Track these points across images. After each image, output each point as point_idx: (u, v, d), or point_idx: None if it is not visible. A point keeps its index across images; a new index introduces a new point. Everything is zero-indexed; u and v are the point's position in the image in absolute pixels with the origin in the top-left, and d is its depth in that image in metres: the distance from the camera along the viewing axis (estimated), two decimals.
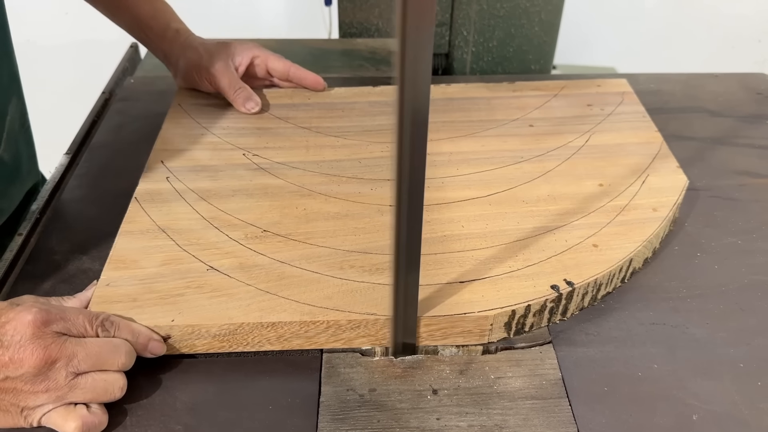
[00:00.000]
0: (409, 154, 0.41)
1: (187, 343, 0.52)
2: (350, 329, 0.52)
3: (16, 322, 0.44)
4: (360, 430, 0.48)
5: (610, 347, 0.54)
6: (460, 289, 0.54)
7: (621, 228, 0.61)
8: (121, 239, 0.59)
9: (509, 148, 0.72)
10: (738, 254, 0.63)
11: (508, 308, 0.53)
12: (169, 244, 0.58)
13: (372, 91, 0.82)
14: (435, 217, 0.62)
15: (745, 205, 0.69)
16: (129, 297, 0.53)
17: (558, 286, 0.55)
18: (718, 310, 0.58)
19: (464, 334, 0.53)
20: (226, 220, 0.61)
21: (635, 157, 0.71)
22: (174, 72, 0.81)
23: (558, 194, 0.65)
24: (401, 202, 0.44)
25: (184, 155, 0.69)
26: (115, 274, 0.55)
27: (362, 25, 1.05)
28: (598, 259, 0.57)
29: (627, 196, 0.65)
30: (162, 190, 0.65)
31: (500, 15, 0.94)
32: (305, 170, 0.68)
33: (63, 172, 0.73)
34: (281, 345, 0.53)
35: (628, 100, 0.81)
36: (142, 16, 0.78)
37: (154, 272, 0.55)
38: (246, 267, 0.56)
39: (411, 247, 0.47)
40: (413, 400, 0.50)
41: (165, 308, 0.52)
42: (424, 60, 0.38)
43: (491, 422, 0.48)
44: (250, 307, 0.52)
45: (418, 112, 0.40)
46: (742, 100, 0.87)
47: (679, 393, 0.51)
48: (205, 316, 0.51)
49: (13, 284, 0.59)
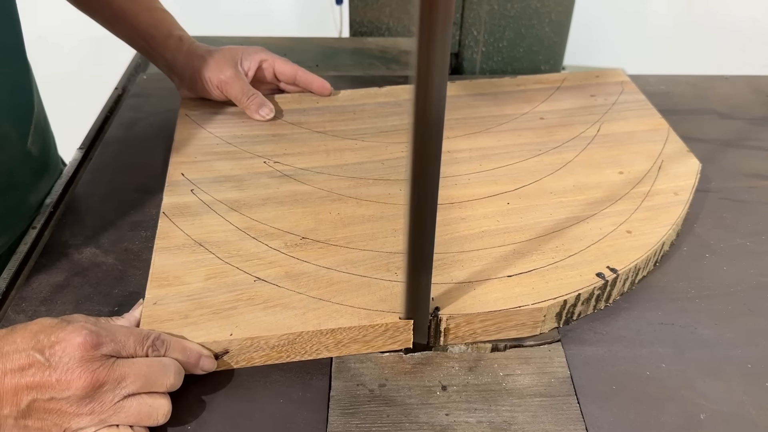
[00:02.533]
0: (426, 152, 0.42)
1: (246, 356, 0.51)
2: (407, 330, 0.53)
3: (66, 344, 0.43)
4: (370, 425, 0.48)
5: (618, 346, 0.55)
6: (509, 283, 0.55)
7: (649, 213, 0.63)
8: (158, 256, 0.57)
9: (525, 142, 0.74)
10: (747, 256, 0.63)
11: (560, 298, 0.54)
12: (210, 257, 0.57)
13: (378, 92, 0.83)
14: (469, 214, 0.63)
15: (754, 207, 0.69)
16: (180, 314, 0.52)
17: (603, 274, 0.56)
18: (727, 311, 0.58)
19: (518, 327, 0.54)
20: (262, 230, 0.60)
21: (646, 144, 0.73)
22: (179, 82, 0.79)
23: (582, 184, 0.67)
24: (416, 202, 0.44)
25: (203, 166, 0.69)
26: (161, 292, 0.54)
27: (373, 24, 1.05)
28: (634, 244, 0.59)
29: (648, 182, 0.67)
30: (189, 203, 0.64)
31: (511, 15, 0.94)
32: (330, 174, 0.68)
33: (76, 166, 0.74)
34: (339, 351, 0.53)
35: (628, 89, 0.84)
36: (142, 25, 0.76)
37: (201, 287, 0.54)
38: (293, 275, 0.56)
39: (424, 248, 0.47)
40: (422, 395, 0.50)
41: (220, 323, 0.51)
42: (441, 59, 0.38)
43: (500, 419, 0.49)
44: (307, 316, 0.52)
45: (434, 112, 0.40)
46: (753, 103, 0.87)
47: (687, 393, 0.51)
48: (262, 328, 0.51)
49: (27, 277, 0.60)
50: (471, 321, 0.53)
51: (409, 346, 0.54)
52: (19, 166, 0.68)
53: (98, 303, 0.57)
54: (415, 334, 0.53)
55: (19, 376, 0.42)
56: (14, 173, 0.68)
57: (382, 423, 0.48)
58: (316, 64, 0.96)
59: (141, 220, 0.66)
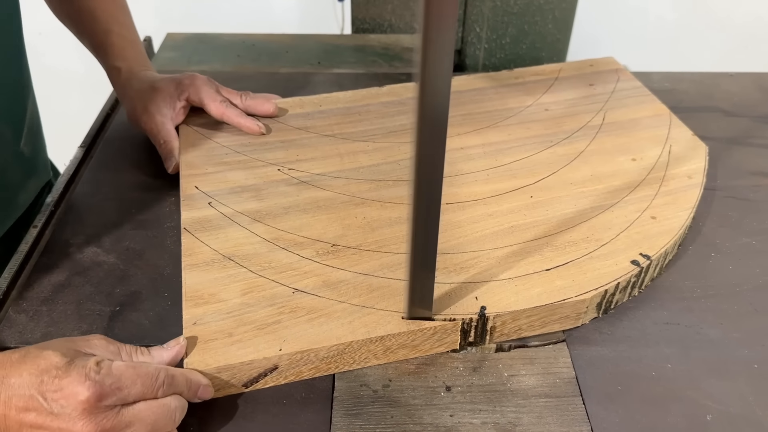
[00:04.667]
0: (431, 148, 0.41)
1: (295, 370, 0.50)
2: (455, 332, 0.52)
3: (69, 396, 0.41)
4: (373, 426, 0.48)
5: (623, 346, 0.54)
6: (548, 277, 0.55)
7: (668, 198, 0.64)
8: (189, 274, 0.55)
9: (535, 134, 0.74)
10: (753, 255, 0.63)
11: (601, 289, 0.54)
12: (242, 271, 0.56)
13: (380, 91, 0.82)
14: (495, 210, 0.63)
15: (760, 205, 0.69)
16: (223, 333, 0.50)
17: (638, 261, 0.57)
18: (733, 311, 0.57)
19: (561, 320, 0.54)
20: (291, 239, 0.59)
21: (652, 129, 0.74)
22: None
23: (599, 173, 0.68)
24: (420, 203, 0.44)
25: (216, 178, 0.67)
26: (199, 311, 0.52)
27: (375, 21, 1.05)
28: (660, 230, 0.60)
29: (661, 168, 0.68)
30: (209, 216, 0.62)
31: (514, 12, 0.93)
32: (348, 178, 0.67)
33: (77, 165, 0.73)
34: (387, 358, 0.52)
35: (623, 77, 0.85)
36: (98, 49, 0.75)
37: (239, 303, 0.53)
38: (331, 284, 0.55)
39: (427, 247, 0.47)
40: (426, 396, 0.50)
41: (267, 338, 0.50)
42: (445, 56, 0.38)
43: (505, 420, 0.48)
44: (353, 324, 0.51)
45: (438, 109, 0.40)
46: (758, 100, 0.87)
47: (693, 393, 0.51)
48: (311, 340, 0.50)
49: (29, 276, 0.59)
50: (517, 317, 0.53)
51: (456, 347, 0.53)
52: (11, 166, 0.68)
53: (99, 303, 0.57)
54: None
55: (23, 415, 0.42)
56: (6, 173, 0.68)
57: (386, 424, 0.48)
58: (318, 61, 0.96)
59: (143, 219, 0.66)
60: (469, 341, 0.53)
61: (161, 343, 0.53)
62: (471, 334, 0.53)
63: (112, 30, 0.75)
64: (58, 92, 0.75)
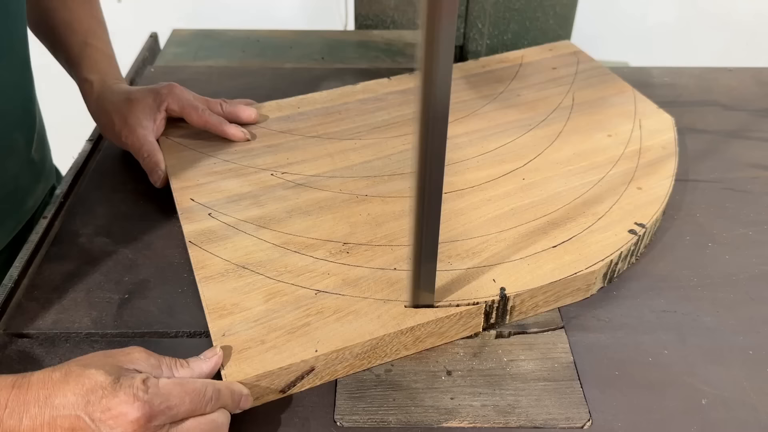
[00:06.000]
0: (433, 140, 0.43)
1: (330, 370, 0.51)
2: (479, 315, 0.54)
3: (118, 417, 0.40)
4: (376, 408, 0.49)
5: (621, 333, 0.55)
6: (556, 253, 0.58)
7: (649, 169, 0.68)
8: (205, 287, 0.55)
9: (513, 119, 0.76)
10: (749, 245, 0.64)
11: (607, 259, 0.57)
12: (259, 278, 0.56)
13: (354, 89, 0.82)
14: (492, 194, 0.65)
15: (757, 197, 0.70)
16: (255, 341, 0.50)
17: (635, 230, 0.60)
18: (729, 299, 0.58)
19: (573, 293, 0.57)
20: (301, 242, 0.59)
21: (620, 106, 0.78)
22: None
23: (581, 151, 0.71)
24: (423, 194, 0.46)
25: (210, 188, 0.66)
26: (225, 322, 0.52)
27: (378, 16, 1.06)
28: (648, 199, 0.64)
29: (635, 141, 0.72)
30: (212, 227, 0.61)
31: (515, 8, 0.94)
32: (344, 177, 0.67)
33: (86, 157, 0.75)
34: (416, 348, 0.53)
35: (582, 59, 0.89)
36: (73, 61, 0.73)
37: (264, 310, 0.53)
38: (351, 282, 0.55)
39: (431, 235, 0.48)
40: (428, 380, 0.51)
41: (300, 341, 0.50)
42: (446, 52, 0.39)
43: (504, 402, 0.50)
44: (382, 318, 0.52)
45: (439, 103, 0.41)
46: (756, 94, 0.88)
47: (689, 378, 0.52)
48: (344, 338, 0.50)
49: (39, 265, 0.61)
50: (535, 295, 0.55)
51: (479, 330, 0.55)
52: (23, 172, 0.69)
53: (108, 291, 0.58)
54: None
55: None
56: (19, 178, 0.69)
57: (388, 407, 0.49)
58: (321, 56, 0.97)
59: (150, 211, 0.67)
60: (490, 323, 0.55)
61: (169, 330, 0.55)
62: (492, 315, 0.55)
63: (89, 43, 0.74)
64: (65, 86, 0.75)
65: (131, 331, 0.55)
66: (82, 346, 0.54)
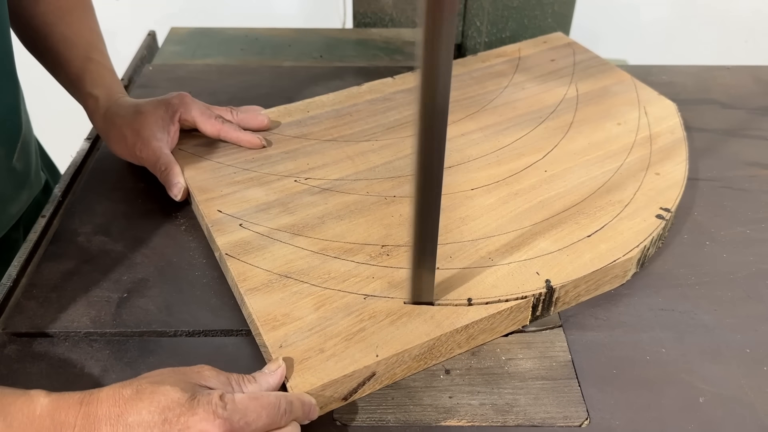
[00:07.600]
0: (433, 138, 0.43)
1: (389, 374, 0.50)
2: (525, 309, 0.54)
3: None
4: (375, 407, 0.49)
5: (619, 332, 0.55)
6: (592, 243, 0.59)
7: (662, 154, 0.69)
8: (252, 299, 0.54)
9: (523, 113, 0.76)
10: (746, 243, 0.64)
11: (641, 245, 0.58)
12: (305, 287, 0.55)
13: (360, 90, 0.81)
14: (519, 188, 0.65)
15: (754, 195, 0.70)
16: (314, 350, 0.50)
17: (662, 215, 0.61)
18: (726, 297, 0.59)
19: (611, 281, 0.58)
20: (338, 248, 0.59)
21: (623, 95, 0.79)
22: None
23: (594, 141, 0.71)
24: (425, 191, 0.46)
25: (235, 198, 0.64)
26: (279, 334, 0.51)
27: (376, 15, 1.06)
28: (668, 183, 0.65)
29: (644, 128, 0.73)
30: (246, 238, 0.60)
31: (514, 6, 0.94)
32: (368, 179, 0.67)
33: (84, 156, 0.74)
34: (469, 345, 0.53)
35: (578, 50, 0.89)
36: (72, 76, 0.72)
37: (316, 318, 0.52)
38: (397, 284, 0.55)
39: (428, 234, 0.49)
40: (426, 379, 0.51)
41: (359, 347, 0.50)
42: (446, 50, 0.39)
43: (502, 401, 0.50)
44: (436, 318, 0.52)
45: (438, 102, 0.41)
46: (754, 93, 0.88)
47: (687, 376, 0.52)
48: (402, 341, 0.50)
49: (38, 264, 0.61)
50: (578, 285, 0.56)
51: (526, 323, 0.56)
52: (2, 180, 0.68)
53: (107, 289, 0.58)
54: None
55: None
56: None
57: (386, 405, 0.49)
58: (320, 54, 0.97)
59: (149, 209, 0.67)
60: (536, 315, 0.56)
61: (168, 329, 0.55)
62: (539, 308, 0.55)
63: (91, 58, 0.72)
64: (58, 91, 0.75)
65: (130, 330, 0.55)
66: (81, 345, 0.54)
